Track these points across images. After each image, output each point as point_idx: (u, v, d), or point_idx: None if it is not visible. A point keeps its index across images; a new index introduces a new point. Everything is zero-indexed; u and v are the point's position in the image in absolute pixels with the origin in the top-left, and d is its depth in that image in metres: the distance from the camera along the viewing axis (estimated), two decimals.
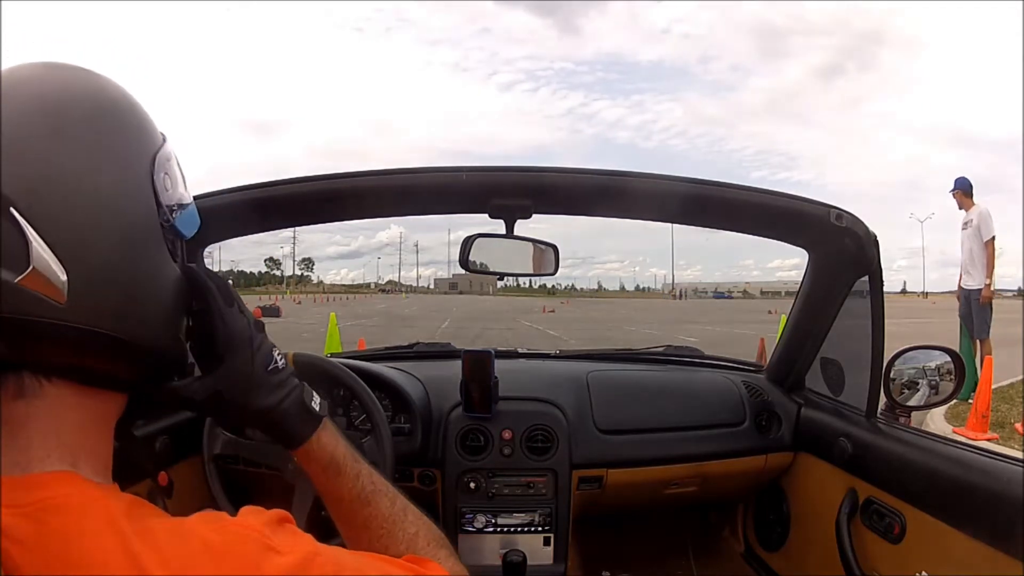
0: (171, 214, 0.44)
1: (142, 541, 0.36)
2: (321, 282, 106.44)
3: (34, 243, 0.35)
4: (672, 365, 1.50)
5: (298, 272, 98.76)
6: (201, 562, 0.36)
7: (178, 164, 0.47)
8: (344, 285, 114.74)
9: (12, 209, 0.35)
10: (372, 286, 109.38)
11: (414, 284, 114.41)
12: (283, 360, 0.54)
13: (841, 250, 1.02)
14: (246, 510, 0.42)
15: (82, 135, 0.39)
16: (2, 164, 0.35)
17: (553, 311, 26.84)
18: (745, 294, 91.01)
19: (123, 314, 0.40)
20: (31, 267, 0.35)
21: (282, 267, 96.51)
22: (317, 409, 0.54)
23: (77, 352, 0.39)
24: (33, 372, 0.39)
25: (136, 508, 0.38)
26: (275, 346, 0.54)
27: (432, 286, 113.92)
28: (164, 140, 0.46)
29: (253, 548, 0.37)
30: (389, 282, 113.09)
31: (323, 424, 0.54)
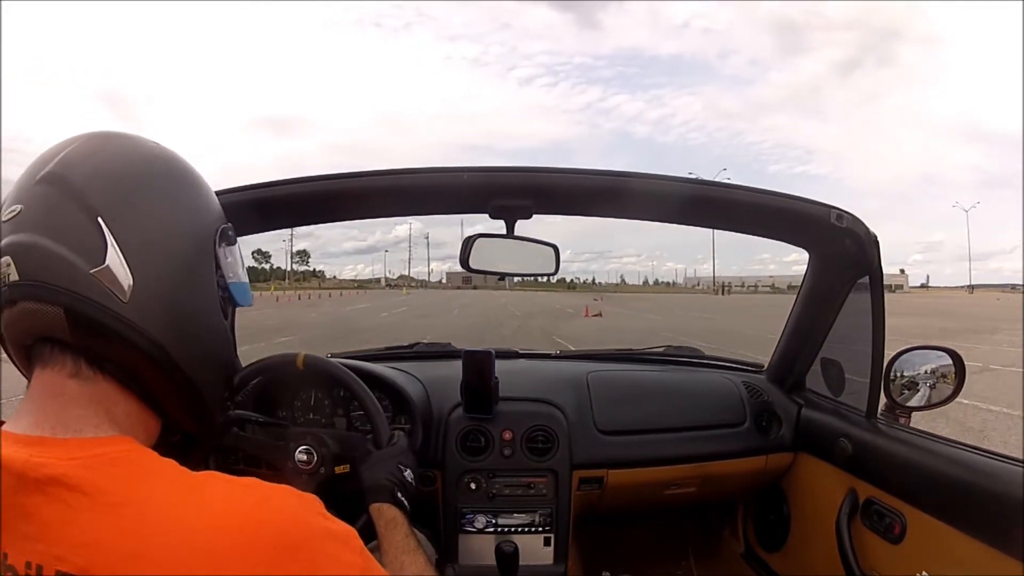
0: (227, 277, 0.52)
1: (206, 488, 0.41)
2: (319, 275, 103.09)
3: (111, 247, 0.44)
4: (672, 365, 1.50)
5: (294, 266, 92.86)
6: (256, 507, 0.41)
7: (239, 249, 0.55)
8: (353, 280, 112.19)
9: (99, 218, 0.44)
10: (382, 281, 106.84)
11: (426, 279, 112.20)
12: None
13: (842, 251, 1.02)
14: None
15: (158, 188, 0.48)
16: (97, 186, 0.45)
17: (600, 315, 17.84)
18: (773, 288, 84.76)
19: (171, 331, 0.46)
20: (105, 264, 0.43)
21: (271, 260, 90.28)
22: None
23: (128, 350, 0.45)
24: (89, 360, 0.44)
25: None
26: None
27: (445, 280, 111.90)
28: (228, 223, 0.54)
29: (305, 507, 0.43)
30: (401, 277, 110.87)
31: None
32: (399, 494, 0.81)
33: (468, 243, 0.99)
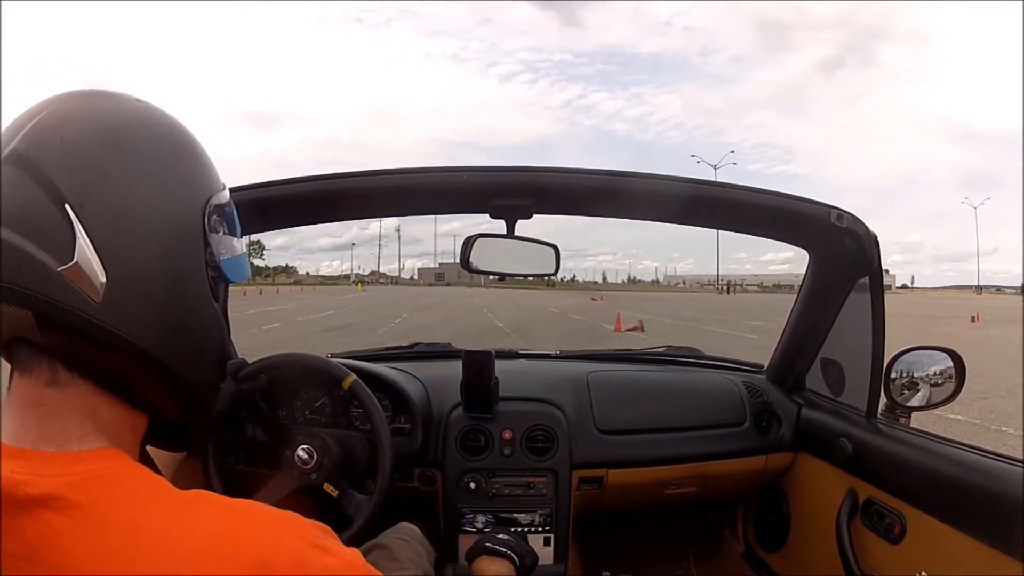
0: (218, 256, 0.46)
1: (196, 511, 0.38)
2: (290, 271, 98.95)
3: (80, 239, 0.38)
4: (672, 365, 1.50)
5: (252, 261, 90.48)
6: (247, 533, 0.37)
7: (235, 215, 0.50)
8: (322, 276, 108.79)
9: (66, 205, 0.38)
10: (352, 277, 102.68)
11: (398, 275, 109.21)
12: None
13: (841, 250, 1.02)
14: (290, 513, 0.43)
15: (141, 158, 0.42)
16: (65, 165, 0.39)
17: (640, 329, 11.27)
18: (761, 287, 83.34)
19: (153, 330, 0.42)
20: (74, 260, 0.38)
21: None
22: None
23: (106, 354, 0.40)
24: (66, 365, 0.40)
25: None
26: None
27: (416, 276, 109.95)
28: (224, 189, 0.48)
29: (302, 537, 0.39)
30: (372, 272, 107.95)
31: None
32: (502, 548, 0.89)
33: (468, 243, 0.99)
